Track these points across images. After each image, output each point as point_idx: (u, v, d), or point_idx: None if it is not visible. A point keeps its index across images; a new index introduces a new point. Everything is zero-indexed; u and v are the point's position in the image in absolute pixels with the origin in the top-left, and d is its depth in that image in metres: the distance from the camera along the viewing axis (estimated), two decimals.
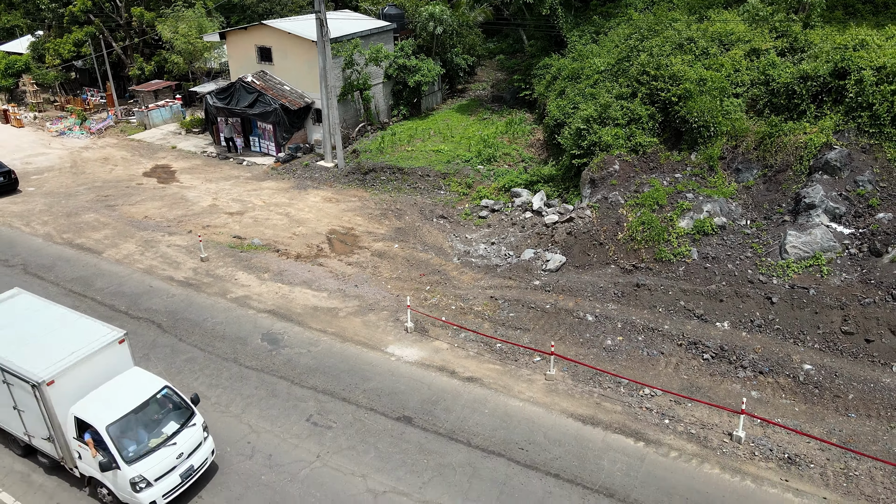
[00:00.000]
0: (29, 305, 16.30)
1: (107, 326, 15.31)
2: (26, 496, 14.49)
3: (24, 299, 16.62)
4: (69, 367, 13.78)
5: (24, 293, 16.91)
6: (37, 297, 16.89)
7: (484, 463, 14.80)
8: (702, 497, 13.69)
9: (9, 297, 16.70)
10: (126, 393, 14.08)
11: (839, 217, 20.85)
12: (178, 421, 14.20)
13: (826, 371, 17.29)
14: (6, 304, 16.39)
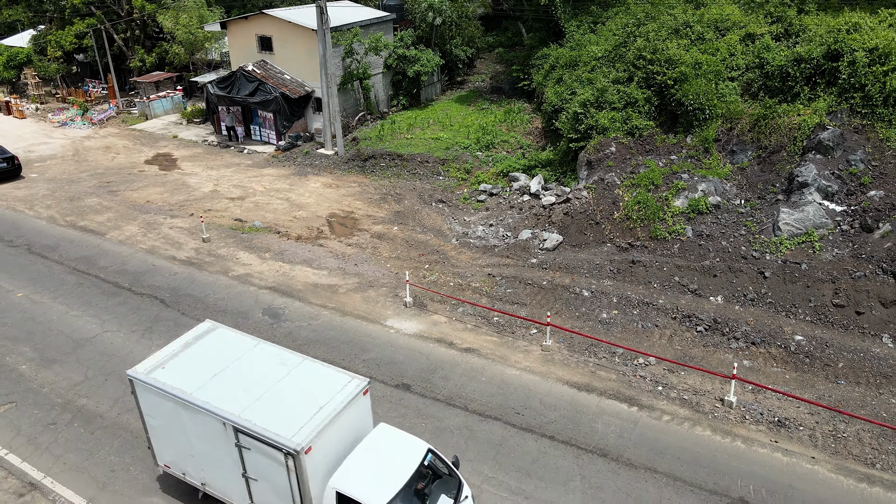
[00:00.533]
0: (234, 343, 13.22)
1: (344, 373, 12.40)
2: None
3: (225, 335, 13.51)
4: (323, 427, 10.94)
5: (221, 327, 13.82)
6: (235, 331, 13.83)
7: (481, 426, 15.11)
8: (693, 456, 14.00)
9: (206, 333, 13.59)
10: (389, 459, 11.34)
11: (831, 195, 21.17)
12: (449, 495, 11.52)
13: (817, 342, 17.60)
14: (207, 342, 13.30)
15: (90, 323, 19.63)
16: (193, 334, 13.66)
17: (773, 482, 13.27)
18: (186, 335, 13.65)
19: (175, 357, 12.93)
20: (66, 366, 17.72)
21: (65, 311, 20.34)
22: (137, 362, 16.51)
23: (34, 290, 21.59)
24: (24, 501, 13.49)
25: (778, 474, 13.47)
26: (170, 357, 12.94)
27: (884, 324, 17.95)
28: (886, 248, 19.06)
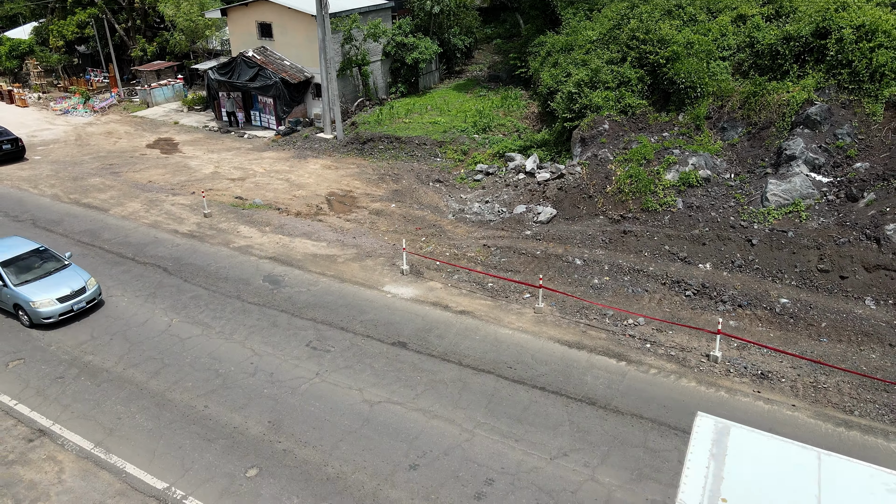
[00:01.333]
0: (785, 458, 8.94)
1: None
2: None
3: (763, 443, 9.25)
4: None
5: (737, 427, 9.61)
6: (769, 436, 9.60)
7: (474, 379, 15.65)
8: (678, 405, 14.52)
9: (724, 437, 9.31)
10: None
11: (818, 167, 21.71)
12: None
13: (801, 304, 18.14)
14: (741, 455, 9.03)
15: None
16: (709, 440, 9.24)
17: (755, 425, 13.74)
18: (700, 442, 9.26)
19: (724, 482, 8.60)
20: (73, 326, 18.25)
21: None
22: (142, 323, 17.29)
23: None
24: (33, 446, 13.99)
25: (759, 419, 13.99)
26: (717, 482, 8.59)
27: (867, 287, 18.48)
28: (870, 216, 19.60)
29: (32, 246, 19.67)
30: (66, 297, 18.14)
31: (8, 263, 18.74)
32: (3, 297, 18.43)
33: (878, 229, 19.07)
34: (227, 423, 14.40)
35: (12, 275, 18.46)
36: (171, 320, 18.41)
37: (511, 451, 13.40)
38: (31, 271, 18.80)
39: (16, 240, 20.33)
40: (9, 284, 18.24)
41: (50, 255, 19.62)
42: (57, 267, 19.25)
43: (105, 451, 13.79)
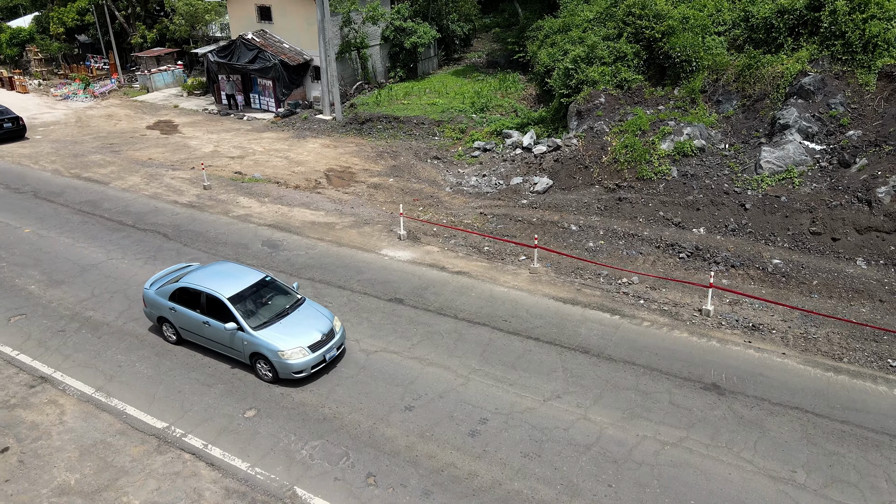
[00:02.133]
0: None
1: None
2: None
3: None
4: None
5: None
6: None
7: (469, 330, 15.87)
8: (669, 353, 14.76)
9: None
10: None
11: (812, 136, 21.95)
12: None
13: (793, 264, 18.38)
14: None
15: (96, 252, 20.38)
16: None
17: (745, 371, 14.03)
18: None
19: None
20: (74, 286, 18.46)
21: (71, 243, 21.09)
22: (142, 282, 17.64)
23: (41, 227, 22.34)
24: (35, 391, 14.22)
25: (749, 366, 14.22)
26: None
27: (858, 248, 18.72)
28: (862, 180, 19.84)
29: (255, 275, 15.41)
30: (318, 344, 14.08)
31: (238, 299, 14.52)
32: (236, 344, 14.28)
33: (869, 192, 19.30)
34: (225, 370, 14.63)
35: (247, 315, 14.34)
36: None
37: (505, 393, 13.62)
38: (264, 309, 14.74)
39: (229, 266, 15.97)
40: (246, 328, 14.01)
41: (278, 286, 15.50)
42: (291, 303, 15.07)
43: (106, 395, 14.00)
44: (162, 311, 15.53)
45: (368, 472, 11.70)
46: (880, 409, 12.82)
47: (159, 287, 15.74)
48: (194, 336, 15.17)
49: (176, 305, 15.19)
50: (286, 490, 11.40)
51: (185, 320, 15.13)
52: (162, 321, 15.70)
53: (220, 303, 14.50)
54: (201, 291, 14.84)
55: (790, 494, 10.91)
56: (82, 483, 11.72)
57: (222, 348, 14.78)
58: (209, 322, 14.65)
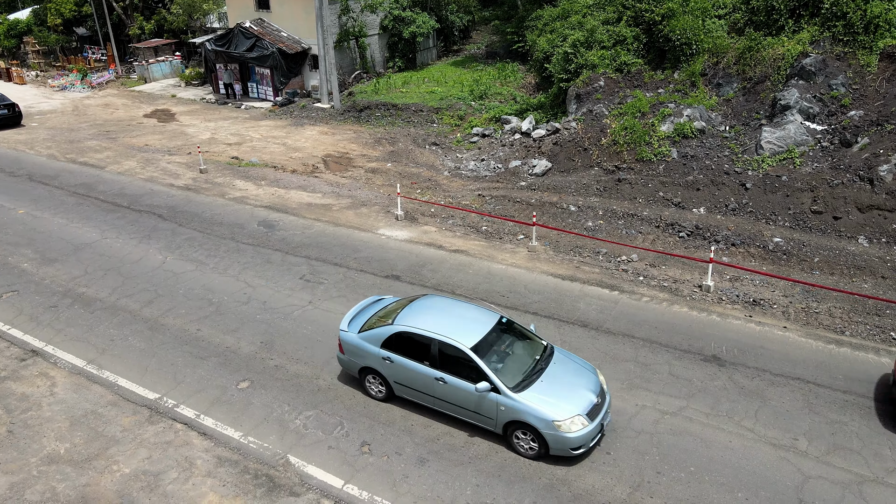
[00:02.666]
0: None
1: None
2: None
3: None
4: None
5: None
6: None
7: None
8: (669, 326, 14.55)
9: None
10: None
11: (813, 116, 21.75)
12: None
13: (794, 242, 18.19)
14: None
15: (90, 232, 20.19)
16: None
17: (745, 344, 13.84)
18: None
19: None
20: (67, 264, 18.26)
21: (65, 223, 20.90)
22: (136, 261, 17.48)
23: (35, 209, 22.15)
24: (26, 364, 14.02)
25: (750, 339, 14.03)
26: None
27: (860, 227, 18.53)
28: (864, 159, 19.65)
29: (489, 316, 12.06)
30: (594, 409, 10.94)
31: (482, 349, 11.21)
32: (486, 409, 11.07)
33: (871, 170, 19.11)
34: (219, 344, 14.43)
35: (498, 371, 11.08)
36: (164, 258, 18.45)
37: None
38: (512, 361, 11.44)
39: (446, 301, 12.57)
40: (504, 390, 10.76)
41: (519, 329, 12.20)
42: (540, 352, 11.78)
43: (97, 367, 13.81)
44: (369, 360, 12.12)
45: (363, 441, 11.50)
46: (884, 381, 12.60)
47: (363, 330, 12.30)
48: (418, 394, 11.83)
49: (392, 355, 11.82)
50: (279, 458, 11.20)
51: (405, 374, 11.73)
52: (365, 372, 12.33)
53: (460, 354, 11.15)
54: (432, 339, 11.37)
55: (791, 461, 10.71)
56: (72, 452, 11.53)
57: (462, 412, 11.44)
58: (444, 379, 11.27)
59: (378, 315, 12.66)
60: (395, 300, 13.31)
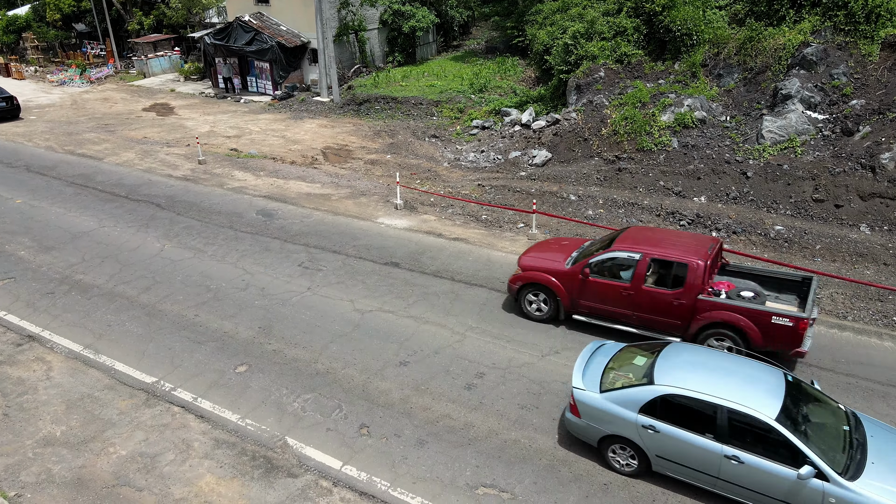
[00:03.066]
0: None
1: None
2: None
3: None
4: None
5: None
6: None
7: (466, 291, 15.57)
8: None
9: None
10: None
11: (814, 105, 21.64)
12: None
13: (796, 230, 18.08)
14: None
15: (88, 221, 20.08)
16: None
17: None
18: None
19: None
20: (64, 251, 18.16)
21: (62, 212, 20.79)
22: (133, 248, 17.37)
23: (33, 198, 22.04)
24: (22, 349, 13.90)
25: None
26: None
27: (862, 214, 18.42)
28: (866, 147, 19.54)
29: (774, 373, 9.70)
30: None
31: (785, 419, 8.87)
32: (801, 500, 8.68)
33: (873, 158, 19.00)
34: (217, 329, 14.32)
35: (817, 448, 8.70)
36: (162, 246, 18.34)
37: (502, 349, 13.32)
38: (823, 434, 9.04)
39: (701, 351, 10.41)
40: (833, 477, 8.40)
41: (807, 390, 9.75)
42: (842, 418, 9.41)
43: (94, 352, 13.70)
44: (621, 427, 9.81)
45: (361, 423, 11.39)
46: (886, 364, 12.52)
47: (607, 389, 10.05)
48: (692, 473, 9.44)
49: (657, 423, 9.54)
50: (277, 440, 11.09)
51: (678, 448, 9.39)
52: (610, 441, 10.07)
53: (761, 426, 8.84)
54: (717, 405, 9.08)
55: None
56: (68, 434, 11.41)
57: (762, 500, 8.99)
58: (739, 458, 8.95)
59: (618, 370, 10.35)
60: (626, 346, 11.10)
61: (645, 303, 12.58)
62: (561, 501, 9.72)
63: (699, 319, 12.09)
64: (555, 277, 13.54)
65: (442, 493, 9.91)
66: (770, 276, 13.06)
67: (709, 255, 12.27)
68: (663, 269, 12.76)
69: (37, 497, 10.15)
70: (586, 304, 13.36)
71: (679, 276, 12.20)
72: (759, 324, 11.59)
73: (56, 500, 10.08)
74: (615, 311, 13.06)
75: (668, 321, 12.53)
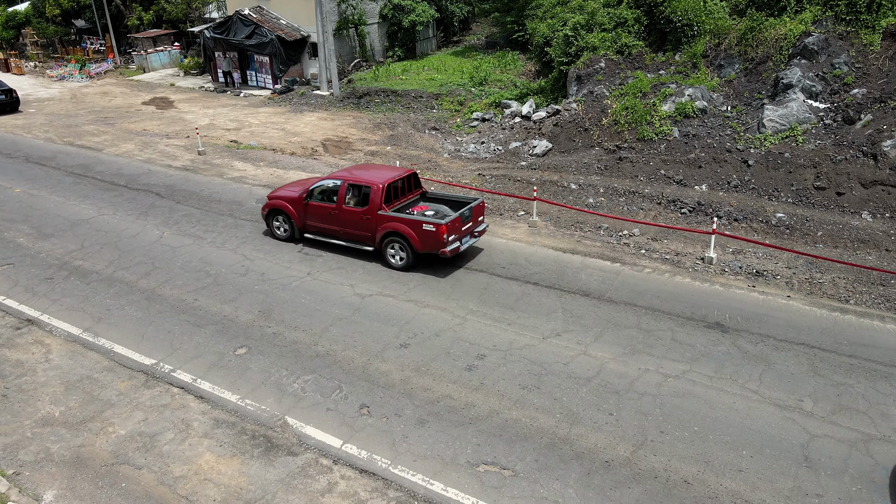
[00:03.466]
0: None
1: None
2: None
3: None
4: None
5: None
6: None
7: (466, 276, 15.50)
8: (672, 296, 14.39)
9: None
10: None
11: (815, 95, 21.59)
12: None
13: (797, 217, 18.04)
14: None
15: (87, 209, 20.03)
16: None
17: (749, 312, 13.69)
18: None
19: None
20: (63, 238, 18.10)
21: (62, 201, 20.74)
22: (133, 235, 17.21)
23: (32, 188, 21.99)
24: (21, 332, 13.84)
25: (753, 307, 13.87)
26: None
27: (863, 202, 18.37)
28: (867, 135, 19.49)
29: None
30: None
31: None
32: None
33: (874, 146, 18.96)
34: (217, 313, 14.27)
35: None
36: (162, 233, 18.29)
37: (503, 332, 13.26)
38: None
39: None
40: None
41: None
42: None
43: (93, 335, 13.64)
44: None
45: (362, 404, 11.33)
46: (889, 345, 12.47)
47: None
48: None
49: None
50: (277, 420, 11.03)
51: None
52: None
53: None
54: None
55: (797, 421, 10.55)
56: (67, 415, 11.36)
57: None
58: None
59: None
60: None
61: (347, 220, 16.10)
62: (563, 478, 9.65)
63: (380, 231, 15.62)
64: (290, 204, 16.89)
65: (443, 470, 9.85)
66: (455, 200, 16.57)
67: (390, 179, 15.86)
68: (357, 192, 16.07)
69: (35, 475, 10.09)
70: (311, 225, 16.83)
71: (366, 195, 15.76)
72: (416, 231, 15.12)
73: (55, 477, 10.02)
74: (329, 229, 16.55)
75: (361, 234, 16.03)
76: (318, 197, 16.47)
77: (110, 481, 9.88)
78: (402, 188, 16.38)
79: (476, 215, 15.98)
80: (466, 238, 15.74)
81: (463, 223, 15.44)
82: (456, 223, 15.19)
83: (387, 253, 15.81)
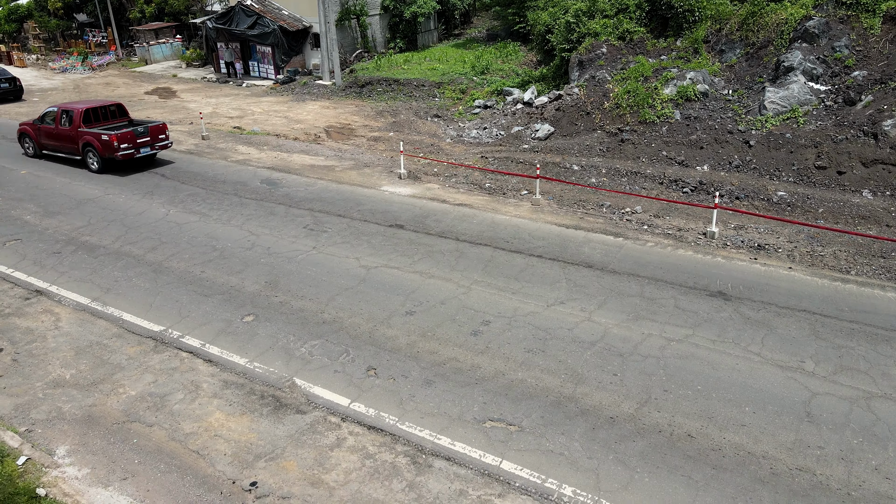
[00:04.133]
0: None
1: None
2: None
3: None
4: None
5: None
6: None
7: (471, 249, 15.66)
8: (675, 267, 14.54)
9: None
10: None
11: (816, 77, 21.74)
12: None
13: (798, 196, 18.18)
14: None
15: (93, 189, 20.17)
16: None
17: (751, 282, 13.83)
18: None
19: None
20: (70, 216, 18.25)
21: (67, 182, 20.87)
22: (139, 213, 17.47)
23: (37, 169, 22.13)
24: (30, 302, 13.98)
25: (756, 277, 14.01)
26: None
27: (864, 181, 18.52)
28: (868, 115, 19.64)
29: None
30: None
31: None
32: None
33: (875, 126, 19.10)
34: (223, 283, 14.41)
35: None
36: (168, 211, 18.44)
37: (508, 300, 13.40)
38: None
39: None
40: None
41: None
42: None
43: (102, 304, 13.78)
44: None
45: (369, 366, 11.47)
46: (890, 311, 12.62)
47: None
48: None
49: None
50: (285, 381, 11.17)
51: None
52: None
53: None
54: None
55: (799, 380, 10.70)
56: (77, 377, 11.50)
57: None
58: None
59: None
60: None
61: (63, 136, 21.88)
62: (568, 433, 9.79)
63: (80, 142, 21.40)
64: (30, 129, 23.01)
65: (450, 426, 9.99)
66: (148, 123, 22.00)
67: (90, 105, 22.01)
68: (67, 116, 21.66)
69: (48, 432, 10.23)
70: (44, 143, 22.74)
71: (71, 117, 21.57)
72: (99, 141, 20.84)
73: (67, 434, 10.16)
74: (55, 145, 22.37)
75: (72, 146, 21.75)
76: (47, 122, 21.96)
77: (122, 437, 10.02)
78: (105, 115, 21.92)
79: (155, 133, 21.49)
80: (146, 149, 21.29)
81: (137, 137, 20.83)
82: (127, 135, 20.55)
83: (87, 159, 21.40)
